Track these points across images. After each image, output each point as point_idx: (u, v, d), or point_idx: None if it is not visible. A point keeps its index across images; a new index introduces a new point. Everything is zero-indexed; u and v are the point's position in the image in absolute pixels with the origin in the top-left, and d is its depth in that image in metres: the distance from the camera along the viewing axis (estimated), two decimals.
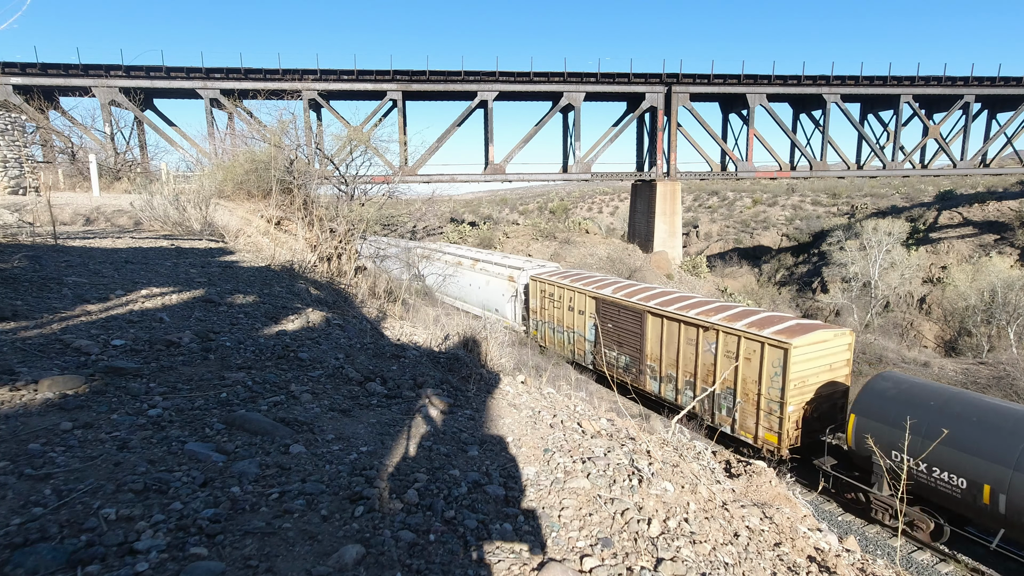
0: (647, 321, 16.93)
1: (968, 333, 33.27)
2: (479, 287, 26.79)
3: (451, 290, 28.32)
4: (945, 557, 10.84)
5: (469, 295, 27.46)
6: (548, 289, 22.06)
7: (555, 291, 21.56)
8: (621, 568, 2.18)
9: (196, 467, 2.20)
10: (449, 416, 3.59)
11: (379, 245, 28.20)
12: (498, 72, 37.37)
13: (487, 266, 26.79)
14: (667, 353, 16.43)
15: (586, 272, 23.67)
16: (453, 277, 27.71)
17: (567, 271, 23.67)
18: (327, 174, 12.53)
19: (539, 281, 22.59)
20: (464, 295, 27.64)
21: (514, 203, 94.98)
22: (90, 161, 18.32)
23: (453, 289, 28.06)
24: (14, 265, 5.30)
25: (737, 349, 14.08)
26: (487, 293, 26.27)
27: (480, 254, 29.18)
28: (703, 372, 15.30)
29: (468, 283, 27.19)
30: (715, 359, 14.77)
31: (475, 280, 27.04)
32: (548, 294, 22.03)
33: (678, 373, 16.16)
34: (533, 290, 22.92)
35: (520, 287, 24.11)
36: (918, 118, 42.18)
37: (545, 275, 22.69)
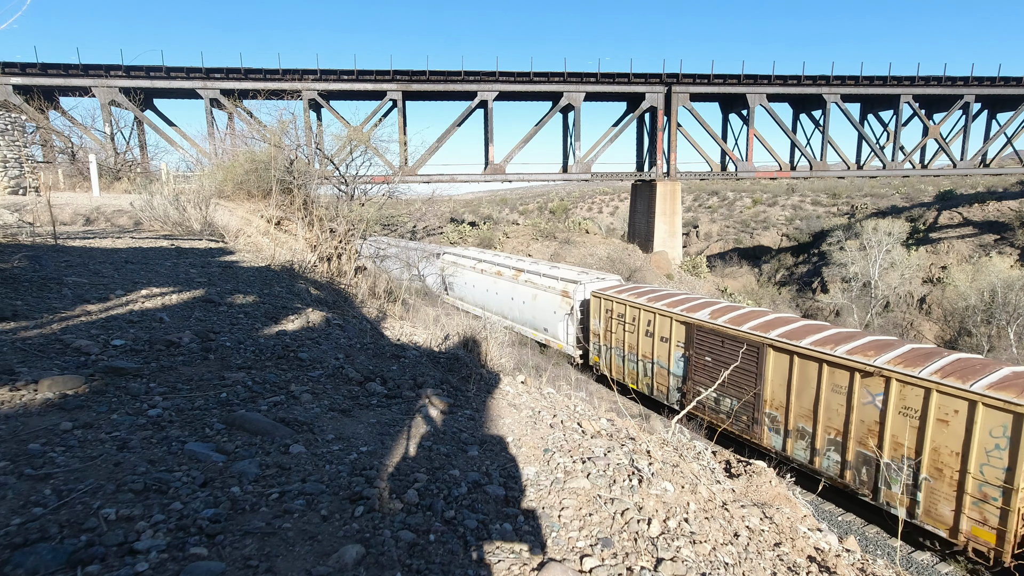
0: (767, 357, 13.41)
1: (968, 333, 33.26)
2: (523, 302, 23.37)
3: (488, 302, 25.91)
4: (944, 556, 10.83)
5: (510, 309, 24.40)
6: (617, 308, 18.26)
7: (627, 311, 17.84)
8: (621, 568, 2.18)
9: (196, 467, 2.20)
10: (449, 416, 3.59)
11: (405, 255, 26.96)
12: (498, 72, 37.38)
13: (534, 278, 23.13)
14: (798, 401, 12.78)
15: (664, 289, 19.60)
16: (488, 288, 25.56)
17: (638, 286, 19.64)
18: (327, 174, 12.54)
19: (604, 298, 18.79)
20: (504, 309, 24.69)
21: (514, 203, 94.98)
22: (90, 161, 18.33)
23: (490, 302, 25.66)
24: (14, 265, 5.30)
25: (924, 406, 10.37)
26: (533, 309, 22.84)
27: (525, 263, 25.39)
28: (858, 431, 11.57)
29: (510, 296, 24.09)
30: (882, 416, 11.11)
31: (518, 293, 23.65)
32: (616, 314, 18.32)
33: (816, 428, 12.41)
34: (595, 308, 19.28)
35: (577, 304, 20.44)
36: (918, 118, 42.19)
37: (612, 291, 18.87)
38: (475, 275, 26.86)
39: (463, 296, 28.10)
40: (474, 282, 26.96)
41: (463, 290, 28.17)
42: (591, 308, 19.60)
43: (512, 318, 24.19)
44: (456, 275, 28.62)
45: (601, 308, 19.02)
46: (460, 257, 29.41)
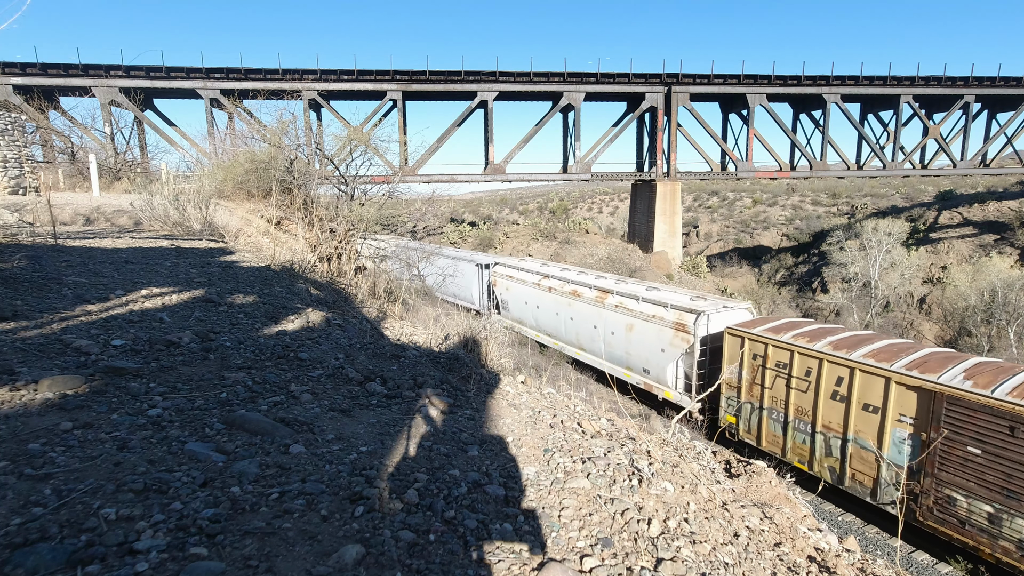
0: None
1: (968, 333, 33.25)
2: (611, 332, 18.39)
3: (558, 329, 21.45)
4: (946, 559, 10.83)
5: (590, 340, 19.48)
6: (775, 354, 13.25)
7: (794, 360, 12.74)
8: (621, 568, 2.18)
9: (196, 467, 2.20)
10: (449, 416, 3.59)
11: (441, 262, 25.23)
12: (498, 72, 37.37)
13: (629, 302, 17.87)
14: None
15: (850, 330, 13.67)
16: (560, 311, 21.03)
17: (798, 323, 14.33)
18: (327, 174, 12.53)
19: (751, 338, 13.79)
20: (581, 338, 20.06)
21: (514, 203, 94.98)
22: (90, 161, 18.33)
23: (561, 328, 21.21)
24: (14, 265, 5.30)
25: None
26: (628, 344, 17.77)
27: (609, 280, 20.16)
28: None
29: (591, 324, 19.34)
30: None
31: (605, 321, 18.62)
32: (774, 363, 13.25)
33: None
34: (732, 350, 14.33)
35: (697, 341, 15.38)
36: (918, 118, 42.19)
37: (764, 330, 13.71)
38: (539, 293, 22.23)
39: (522, 318, 23.82)
40: (538, 302, 22.34)
41: (522, 311, 23.70)
42: (726, 350, 14.52)
43: (592, 351, 19.43)
44: (512, 291, 24.05)
45: (745, 351, 13.91)
46: (518, 270, 24.30)
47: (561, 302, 20.96)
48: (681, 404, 16.16)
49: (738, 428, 14.45)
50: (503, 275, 24.96)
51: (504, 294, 24.77)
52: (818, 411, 12.35)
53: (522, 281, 23.56)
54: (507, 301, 24.71)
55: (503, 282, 24.77)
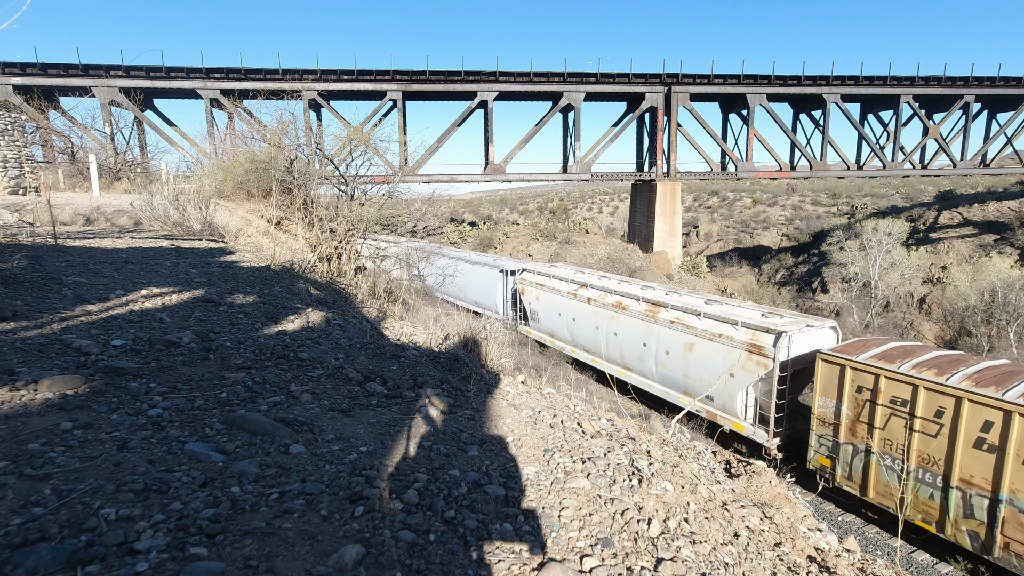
0: None
1: (968, 333, 33.26)
2: (665, 352, 16.28)
3: (599, 345, 19.03)
4: (944, 557, 10.83)
5: (639, 360, 17.25)
6: (889, 388, 11.16)
7: (920, 397, 10.64)
8: (621, 568, 2.18)
9: (196, 467, 2.20)
10: (449, 416, 3.59)
11: (460, 267, 24.11)
12: (498, 72, 37.38)
13: (688, 318, 15.73)
14: None
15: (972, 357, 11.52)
16: (600, 325, 18.86)
17: (909, 347, 12.18)
18: (327, 174, 12.53)
19: (854, 367, 11.65)
20: (626, 357, 17.81)
21: (514, 203, 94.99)
22: (90, 161, 18.33)
23: (603, 345, 18.80)
24: (14, 265, 5.30)
25: None
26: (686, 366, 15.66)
27: (658, 292, 17.87)
28: None
29: (640, 342, 17.14)
30: None
31: (657, 339, 16.45)
32: (888, 399, 11.20)
33: None
34: (827, 380, 12.19)
35: (776, 366, 13.28)
36: (918, 118, 42.20)
37: (869, 357, 11.66)
38: (575, 304, 20.12)
39: (554, 331, 21.82)
40: (574, 313, 20.24)
41: (554, 323, 21.65)
42: (819, 379, 12.25)
43: (641, 371, 17.22)
44: (543, 301, 22.07)
45: (846, 383, 11.70)
46: (549, 278, 22.08)
47: (602, 315, 18.80)
48: (754, 439, 14.11)
49: (834, 473, 12.12)
50: (532, 283, 22.87)
51: (533, 304, 22.79)
52: (954, 461, 10.11)
53: (555, 290, 21.43)
54: (537, 312, 22.70)
55: (532, 290, 22.79)
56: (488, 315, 24.47)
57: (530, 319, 23.38)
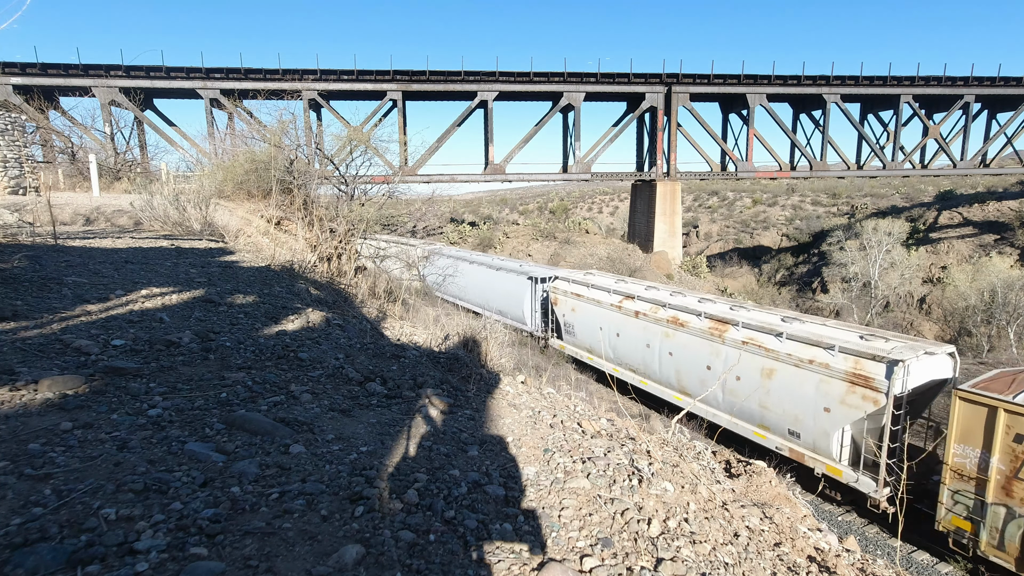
0: None
1: (968, 333, 33.27)
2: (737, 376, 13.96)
3: (652, 365, 16.77)
4: (944, 557, 10.83)
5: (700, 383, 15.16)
6: None
7: None
8: (621, 568, 2.18)
9: (196, 467, 2.20)
10: (449, 416, 3.59)
11: (481, 274, 24.22)
12: (498, 72, 37.38)
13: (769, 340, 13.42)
14: None
15: None
16: (652, 343, 16.54)
17: None
18: (327, 174, 12.53)
19: (1009, 409, 9.64)
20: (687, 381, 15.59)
21: (514, 203, 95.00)
22: (90, 161, 18.33)
23: (656, 365, 16.59)
24: (14, 265, 5.30)
25: None
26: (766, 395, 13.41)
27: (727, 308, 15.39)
28: None
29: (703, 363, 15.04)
30: None
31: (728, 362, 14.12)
32: None
33: None
34: (967, 422, 10.10)
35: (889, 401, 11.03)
36: (918, 118, 42.21)
37: None
38: (620, 318, 17.92)
39: (593, 347, 19.59)
40: (618, 328, 18.03)
41: (594, 339, 19.31)
42: (956, 421, 10.10)
43: (704, 397, 14.22)
44: (580, 313, 19.92)
45: (997, 429, 9.66)
46: (587, 287, 19.87)
47: (654, 332, 16.56)
48: (857, 487, 11.77)
49: (977, 539, 9.96)
50: (567, 292, 20.73)
51: (569, 316, 20.68)
52: None
53: (595, 301, 19.21)
54: (572, 325, 20.53)
55: (567, 301, 20.74)
56: (514, 325, 22.59)
57: (564, 332, 21.22)
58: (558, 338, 21.87)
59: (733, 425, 14.27)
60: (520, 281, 23.35)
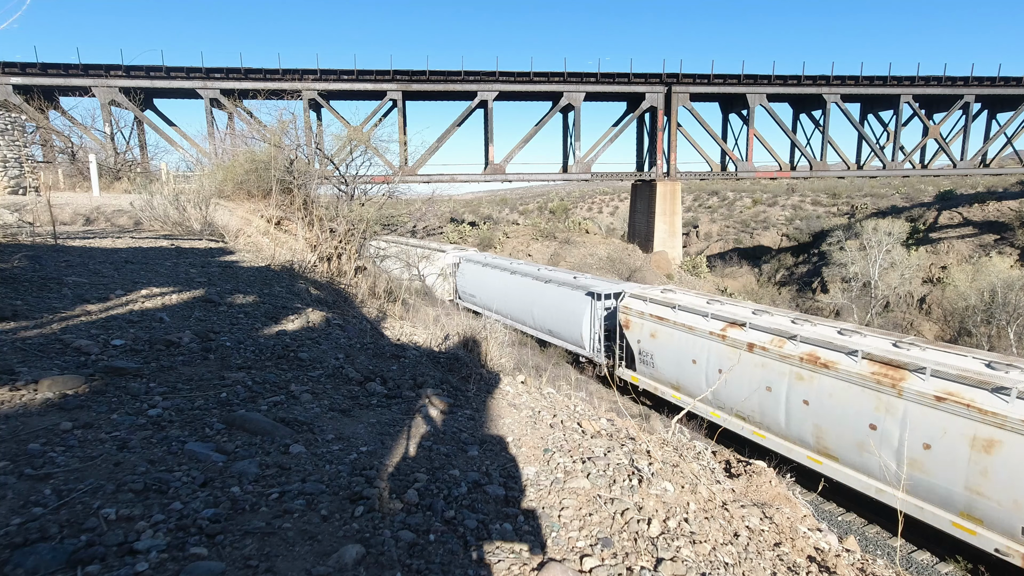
0: None
1: (968, 333, 33.26)
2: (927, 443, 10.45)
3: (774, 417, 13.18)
4: (944, 557, 10.82)
5: (859, 449, 11.53)
6: None
7: None
8: (621, 568, 2.18)
9: (196, 467, 2.20)
10: (449, 416, 3.59)
11: (522, 285, 21.68)
12: (498, 72, 37.38)
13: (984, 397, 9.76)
14: None
15: None
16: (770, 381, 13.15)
17: None
18: (327, 174, 12.53)
19: None
20: (835, 443, 12.06)
21: (514, 203, 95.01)
22: (90, 161, 18.33)
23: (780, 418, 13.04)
24: (14, 265, 5.30)
25: None
26: (983, 475, 9.82)
27: (890, 343, 11.85)
28: None
29: (866, 421, 11.42)
30: None
31: (912, 421, 10.66)
32: None
33: None
34: None
35: None
36: (918, 118, 42.21)
37: None
38: (724, 350, 14.45)
39: (681, 383, 16.10)
40: (720, 362, 14.56)
41: (682, 372, 15.96)
42: None
43: (866, 467, 11.50)
44: (661, 341, 16.58)
45: None
46: (675, 310, 16.22)
47: (777, 372, 12.96)
48: None
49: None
50: (644, 314, 17.07)
51: (646, 343, 17.08)
52: None
53: (685, 327, 15.67)
54: (650, 354, 16.99)
55: (644, 324, 17.12)
56: (567, 348, 20.56)
57: (638, 362, 17.56)
58: (628, 367, 18.16)
59: (918, 510, 10.66)
60: (577, 297, 20.25)
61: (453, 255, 29.87)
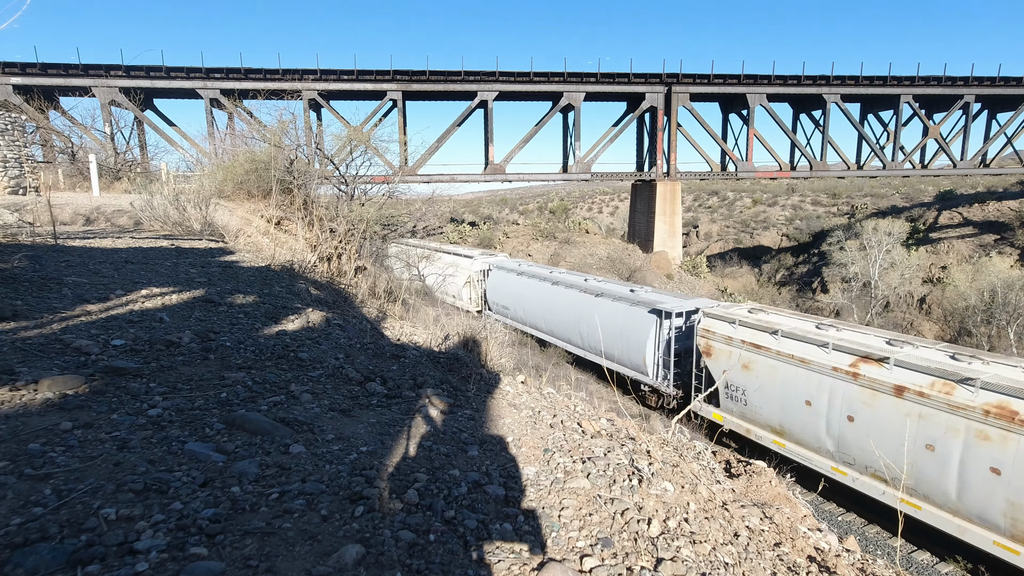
0: None
1: (968, 333, 33.25)
2: None
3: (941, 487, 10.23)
4: (944, 557, 10.82)
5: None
6: None
7: None
8: (621, 568, 2.18)
9: (196, 467, 2.20)
10: (449, 416, 3.59)
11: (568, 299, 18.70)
12: (498, 72, 37.37)
13: None
14: None
15: None
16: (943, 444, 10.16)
17: None
18: (327, 174, 12.54)
19: None
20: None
21: (514, 203, 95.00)
22: (90, 161, 18.32)
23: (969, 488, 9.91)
24: (14, 265, 5.30)
25: None
26: None
27: None
28: None
29: None
30: None
31: None
32: None
33: None
34: None
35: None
36: (918, 118, 42.20)
37: None
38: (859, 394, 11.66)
39: (785, 426, 13.26)
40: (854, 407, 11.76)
41: (788, 415, 13.12)
42: None
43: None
44: (758, 372, 13.54)
45: None
46: (780, 337, 13.23)
47: (949, 428, 10.16)
48: None
49: None
50: (731, 339, 14.19)
51: (737, 375, 14.14)
52: None
53: (794, 359, 12.66)
54: (742, 389, 14.06)
55: (732, 352, 14.18)
56: (624, 374, 17.26)
57: (723, 397, 14.65)
58: (710, 403, 15.11)
59: None
60: (638, 315, 17.23)
61: (481, 261, 27.30)
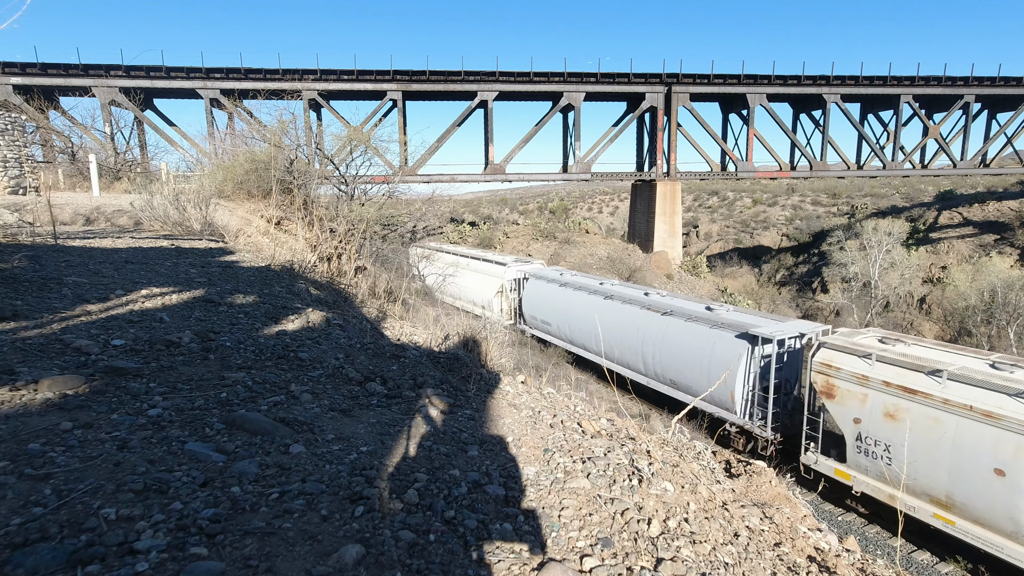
0: None
1: (968, 333, 33.25)
2: None
3: None
4: (944, 557, 10.82)
5: None
6: None
7: None
8: (621, 568, 2.18)
9: (196, 467, 2.20)
10: (449, 416, 3.59)
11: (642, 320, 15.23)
12: (498, 72, 37.37)
13: None
14: None
15: None
16: None
17: None
18: (327, 174, 12.53)
19: None
20: None
21: (514, 203, 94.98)
22: (90, 161, 18.32)
23: None
24: (14, 265, 5.30)
25: None
26: None
27: None
28: None
29: None
30: None
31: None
32: None
33: None
34: None
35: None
36: (918, 118, 42.19)
37: None
38: None
39: (954, 496, 10.19)
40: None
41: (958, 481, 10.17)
42: None
43: None
44: (911, 421, 10.69)
45: None
46: (940, 380, 10.43)
47: None
48: None
49: None
50: (866, 379, 11.40)
51: (873, 425, 11.41)
52: None
53: (975, 413, 9.82)
54: (884, 443, 11.29)
55: (868, 396, 11.38)
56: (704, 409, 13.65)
57: (853, 451, 11.86)
58: (828, 455, 12.45)
59: None
60: (724, 340, 14.23)
61: (515, 269, 24.02)
